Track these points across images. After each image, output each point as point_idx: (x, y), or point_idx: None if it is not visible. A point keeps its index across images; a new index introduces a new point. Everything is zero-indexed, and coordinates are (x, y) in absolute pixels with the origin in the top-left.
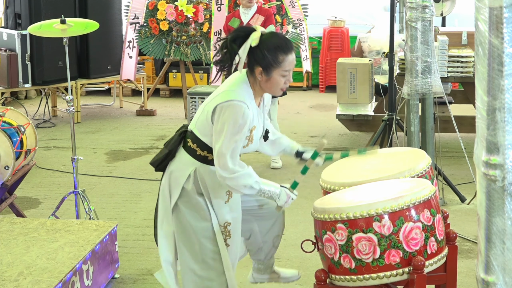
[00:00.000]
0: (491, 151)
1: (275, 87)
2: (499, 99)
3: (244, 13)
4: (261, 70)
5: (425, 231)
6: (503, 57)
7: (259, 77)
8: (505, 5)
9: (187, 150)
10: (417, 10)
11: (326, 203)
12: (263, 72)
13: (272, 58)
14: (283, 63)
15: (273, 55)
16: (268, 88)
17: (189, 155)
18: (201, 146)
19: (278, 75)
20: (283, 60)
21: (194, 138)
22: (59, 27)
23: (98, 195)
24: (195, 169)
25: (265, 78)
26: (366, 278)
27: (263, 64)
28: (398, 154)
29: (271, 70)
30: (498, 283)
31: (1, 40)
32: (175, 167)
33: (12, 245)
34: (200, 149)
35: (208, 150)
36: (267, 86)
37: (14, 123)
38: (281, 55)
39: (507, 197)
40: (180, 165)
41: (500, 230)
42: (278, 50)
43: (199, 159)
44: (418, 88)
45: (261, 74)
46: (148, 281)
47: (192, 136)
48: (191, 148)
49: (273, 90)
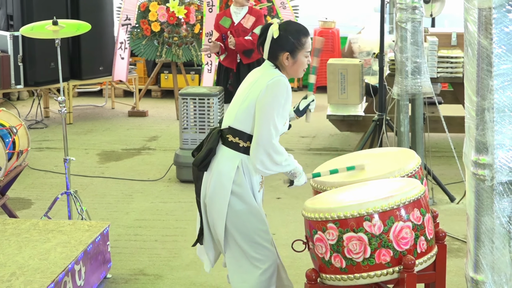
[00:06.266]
0: (480, 151)
1: (300, 68)
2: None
3: (235, 12)
4: (287, 54)
5: (415, 230)
6: (492, 57)
7: (285, 62)
8: (494, 6)
9: (228, 145)
10: (407, 11)
11: (317, 203)
12: (289, 56)
13: (296, 42)
14: (305, 45)
15: (296, 38)
16: (294, 71)
17: (232, 150)
18: (244, 138)
19: (302, 56)
20: (305, 42)
21: (234, 132)
22: (51, 29)
23: (90, 195)
24: (241, 160)
25: (292, 62)
26: (356, 277)
27: (289, 48)
28: (388, 154)
29: (297, 53)
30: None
31: None
32: (221, 164)
33: (5, 246)
34: (242, 140)
35: (251, 141)
36: (294, 68)
37: (7, 124)
38: (303, 38)
39: (496, 196)
40: (226, 161)
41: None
42: (300, 34)
43: (242, 151)
44: (408, 88)
45: (288, 58)
46: (140, 281)
47: (231, 131)
48: (233, 142)
49: (298, 72)
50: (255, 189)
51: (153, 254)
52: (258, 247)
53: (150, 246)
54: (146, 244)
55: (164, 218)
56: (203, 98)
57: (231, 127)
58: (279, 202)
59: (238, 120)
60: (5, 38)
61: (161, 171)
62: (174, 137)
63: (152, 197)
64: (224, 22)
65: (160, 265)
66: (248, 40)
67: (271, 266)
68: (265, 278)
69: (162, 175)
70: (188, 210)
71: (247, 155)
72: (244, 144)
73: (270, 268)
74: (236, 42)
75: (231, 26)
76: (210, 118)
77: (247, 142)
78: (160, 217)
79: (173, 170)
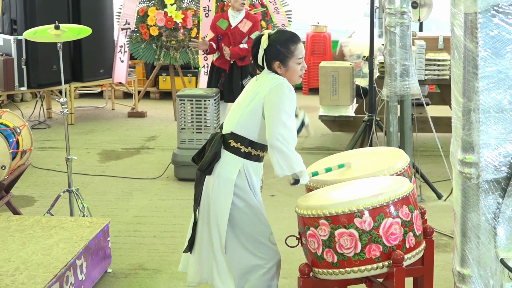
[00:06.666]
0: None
1: (295, 75)
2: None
3: (233, 16)
4: (278, 63)
5: (404, 226)
6: (477, 60)
7: (278, 70)
8: (480, 10)
9: (230, 150)
10: (396, 16)
11: (309, 200)
12: (280, 64)
13: (285, 51)
14: (295, 52)
15: (285, 47)
16: (289, 78)
17: (234, 154)
18: (246, 143)
19: (294, 64)
20: (295, 49)
21: (236, 138)
22: (53, 33)
23: (91, 193)
24: (243, 165)
25: (284, 70)
26: (347, 271)
27: (279, 57)
28: (378, 154)
29: (287, 61)
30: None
31: None
32: (224, 168)
33: (9, 242)
34: (244, 146)
35: (251, 146)
36: (288, 76)
37: (11, 124)
38: (292, 46)
39: (482, 194)
40: (228, 165)
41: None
42: (288, 42)
43: (243, 156)
44: (396, 90)
45: (280, 67)
46: (139, 275)
47: (234, 136)
48: (235, 147)
49: (294, 78)
50: (257, 192)
51: (152, 250)
52: (262, 246)
53: (149, 242)
54: (145, 240)
55: (163, 215)
56: (200, 100)
57: (233, 133)
58: (273, 199)
59: (240, 126)
60: (9, 42)
61: (159, 170)
62: (172, 137)
63: (150, 195)
64: (221, 24)
65: (159, 260)
66: (243, 48)
67: (275, 265)
68: (268, 277)
69: (161, 174)
70: (185, 207)
71: (248, 159)
72: (246, 150)
73: (273, 267)
74: (231, 52)
75: (228, 29)
76: (206, 118)
77: (248, 148)
78: (158, 214)
79: (171, 168)
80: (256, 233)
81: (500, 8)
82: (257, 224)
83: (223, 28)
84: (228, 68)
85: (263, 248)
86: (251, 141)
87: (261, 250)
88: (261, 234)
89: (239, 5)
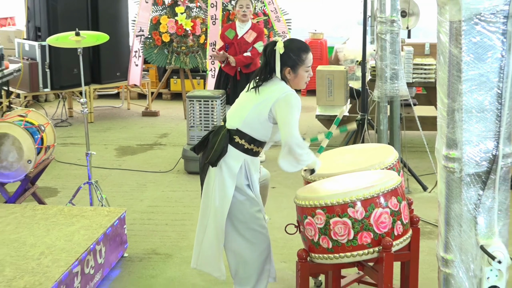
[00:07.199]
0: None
1: (302, 81)
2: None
3: (239, 27)
4: (289, 69)
5: (393, 215)
6: (461, 64)
7: (288, 76)
8: (464, 19)
9: (234, 145)
10: (386, 24)
11: (307, 192)
12: (291, 71)
13: (297, 58)
14: (305, 61)
15: (297, 55)
16: (296, 84)
17: (238, 150)
18: (249, 140)
19: (303, 71)
20: (305, 58)
21: (241, 135)
22: (74, 39)
23: (109, 185)
24: (244, 160)
25: (293, 76)
26: (341, 256)
27: (290, 64)
28: (369, 150)
29: (297, 68)
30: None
31: (23, 51)
32: (227, 161)
33: (35, 229)
34: (248, 143)
35: (254, 143)
36: (295, 82)
37: (36, 122)
38: (303, 54)
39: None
40: (232, 159)
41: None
42: (300, 51)
43: (246, 152)
44: (387, 92)
45: (290, 73)
46: (152, 259)
47: (239, 133)
48: (239, 143)
49: (300, 84)
50: (255, 185)
51: (164, 236)
52: (255, 233)
53: (161, 229)
54: (158, 227)
55: (174, 204)
56: (207, 100)
57: (239, 130)
58: (274, 191)
59: (246, 124)
60: (34, 47)
61: (171, 164)
62: (182, 134)
63: (163, 187)
64: (229, 34)
65: (170, 245)
66: (247, 56)
67: (266, 248)
68: (262, 259)
69: (172, 167)
70: (194, 198)
71: (249, 155)
72: (248, 146)
73: (265, 250)
74: (236, 60)
75: (235, 38)
76: (213, 117)
77: (251, 145)
78: (170, 204)
79: (181, 163)
80: (250, 221)
81: (482, 17)
82: (252, 213)
83: (230, 38)
84: (234, 74)
85: (256, 234)
86: (253, 138)
87: (255, 236)
88: (255, 222)
89: (241, 17)
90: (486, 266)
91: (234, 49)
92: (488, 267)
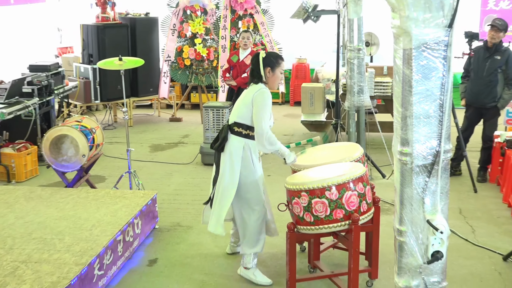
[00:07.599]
0: (403, 144)
1: (276, 81)
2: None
3: (242, 53)
4: (269, 69)
5: (360, 197)
6: (412, 82)
7: (268, 74)
8: (414, 47)
9: (235, 134)
10: (354, 51)
11: (294, 179)
12: (270, 70)
13: (275, 61)
14: (281, 64)
15: (275, 59)
16: (273, 82)
17: (238, 136)
18: (244, 127)
19: (278, 72)
20: (281, 62)
21: (238, 124)
22: (118, 63)
23: (144, 173)
24: (245, 142)
25: (271, 74)
26: (321, 228)
27: (271, 65)
28: (341, 147)
29: (275, 68)
30: (408, 231)
31: (79, 72)
32: (232, 146)
33: (88, 207)
34: (244, 130)
35: (248, 129)
36: (272, 79)
37: (89, 126)
38: (280, 60)
39: (414, 175)
40: (235, 143)
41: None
42: (277, 57)
43: (244, 136)
44: (354, 103)
45: (269, 72)
46: (177, 230)
47: (237, 124)
48: (238, 131)
49: (275, 83)
50: (255, 162)
51: (186, 213)
52: (257, 201)
53: (184, 207)
54: (181, 206)
55: (193, 188)
56: (219, 109)
57: (236, 122)
58: (270, 178)
59: (240, 117)
60: (88, 70)
61: (191, 158)
62: (200, 135)
63: (185, 175)
64: (234, 58)
65: (191, 219)
66: (244, 77)
67: (262, 214)
68: (260, 222)
69: (192, 160)
70: (209, 183)
71: (248, 139)
72: (245, 132)
73: (261, 216)
74: (237, 82)
75: (237, 62)
76: (223, 122)
77: (247, 130)
78: (190, 188)
79: (199, 157)
80: (254, 192)
81: (428, 45)
82: (254, 186)
83: (234, 61)
84: (237, 90)
85: (255, 203)
86: (248, 126)
87: (256, 203)
88: (257, 193)
89: (243, 46)
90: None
91: (236, 70)
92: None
